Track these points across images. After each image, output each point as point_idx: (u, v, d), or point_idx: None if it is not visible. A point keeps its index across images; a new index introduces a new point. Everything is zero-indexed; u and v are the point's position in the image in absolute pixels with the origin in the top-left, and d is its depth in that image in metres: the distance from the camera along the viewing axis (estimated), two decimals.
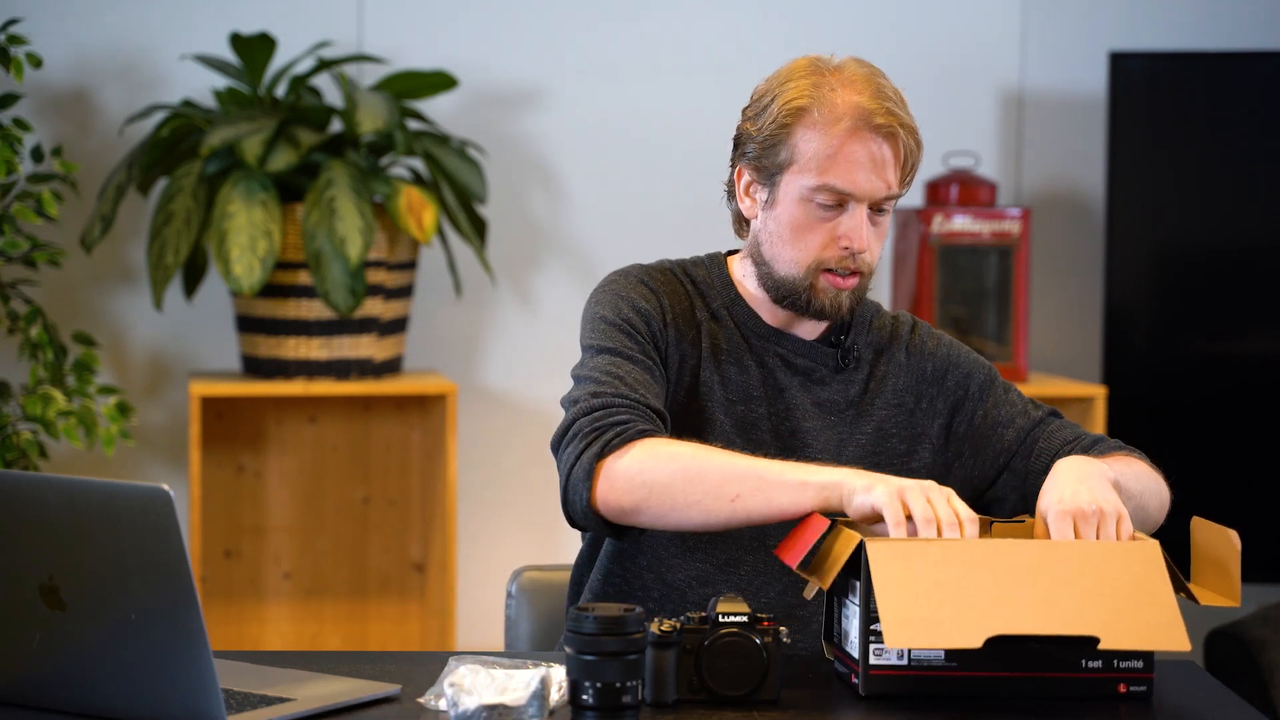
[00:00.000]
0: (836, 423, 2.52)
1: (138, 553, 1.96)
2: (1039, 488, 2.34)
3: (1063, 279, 4.63)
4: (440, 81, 4.23)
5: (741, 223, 2.56)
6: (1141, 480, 2.46)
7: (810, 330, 2.55)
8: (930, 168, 4.50)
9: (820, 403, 2.53)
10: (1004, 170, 4.60)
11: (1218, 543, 2.26)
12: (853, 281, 2.47)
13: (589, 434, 2.33)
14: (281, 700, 2.10)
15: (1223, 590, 2.24)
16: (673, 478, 2.29)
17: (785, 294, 2.49)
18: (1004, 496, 2.55)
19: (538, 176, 4.50)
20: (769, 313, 2.55)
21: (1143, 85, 4.45)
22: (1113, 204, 4.44)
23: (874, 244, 2.47)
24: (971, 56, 4.59)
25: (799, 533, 2.26)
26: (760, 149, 2.47)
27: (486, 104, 4.45)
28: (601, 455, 2.32)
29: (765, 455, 2.38)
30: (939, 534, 2.18)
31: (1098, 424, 4.26)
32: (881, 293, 4.55)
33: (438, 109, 4.37)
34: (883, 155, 2.43)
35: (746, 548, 2.48)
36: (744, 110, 2.52)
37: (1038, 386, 4.32)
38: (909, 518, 2.20)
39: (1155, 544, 2.19)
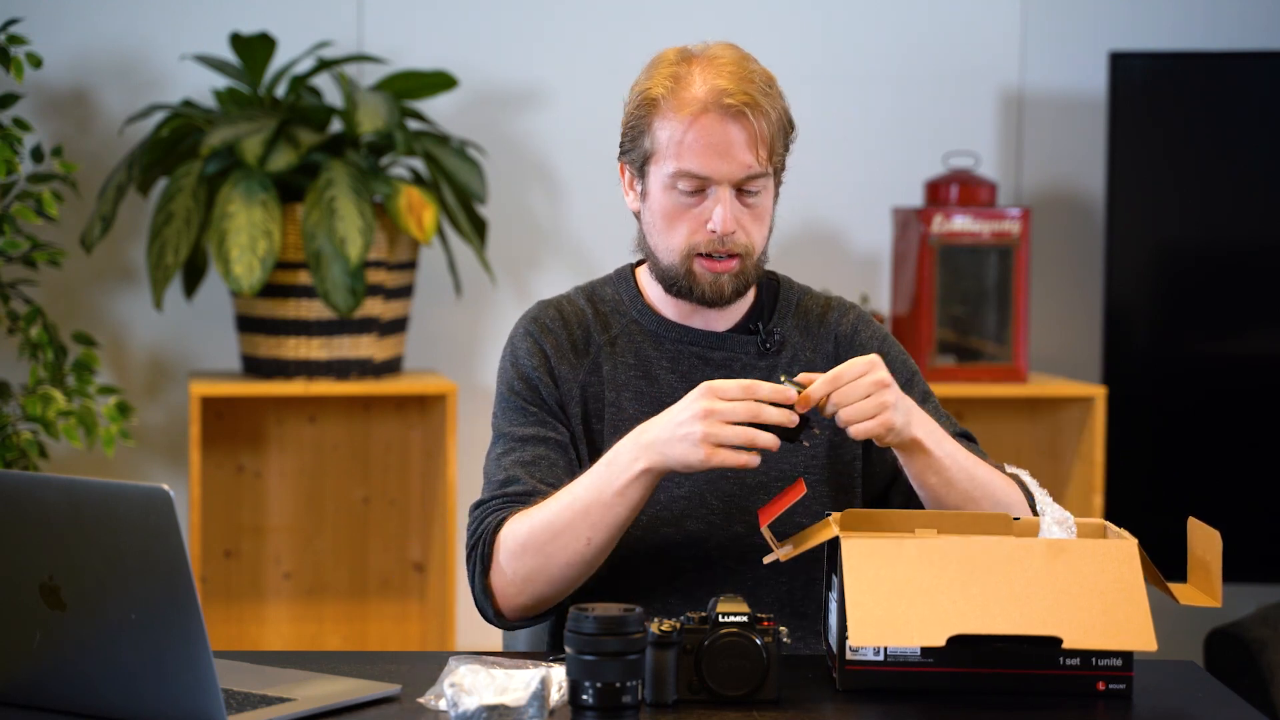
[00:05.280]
0: None
1: (138, 553, 1.96)
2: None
3: (1063, 279, 4.63)
4: (440, 81, 4.23)
5: (637, 219, 2.55)
6: (986, 473, 2.41)
7: (723, 321, 2.54)
8: (930, 168, 4.50)
9: None
10: (1004, 170, 4.60)
11: (1204, 542, 2.27)
12: (730, 264, 2.46)
13: (470, 553, 2.45)
14: (281, 700, 2.10)
15: (1206, 590, 2.25)
16: (535, 559, 2.38)
17: (670, 282, 2.50)
18: (892, 499, 2.55)
19: (538, 176, 4.50)
20: (677, 312, 2.54)
21: (1143, 85, 4.45)
22: (1113, 204, 4.44)
23: (749, 225, 2.46)
24: (971, 56, 4.59)
25: (780, 496, 2.29)
26: (629, 142, 2.51)
27: (486, 104, 4.45)
28: (486, 571, 2.42)
29: None
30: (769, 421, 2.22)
31: (1098, 424, 4.26)
32: (881, 292, 4.55)
33: (438, 109, 4.36)
34: (734, 135, 2.42)
35: (687, 557, 2.48)
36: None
37: (1038, 386, 4.32)
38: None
39: (1133, 543, 2.20)
